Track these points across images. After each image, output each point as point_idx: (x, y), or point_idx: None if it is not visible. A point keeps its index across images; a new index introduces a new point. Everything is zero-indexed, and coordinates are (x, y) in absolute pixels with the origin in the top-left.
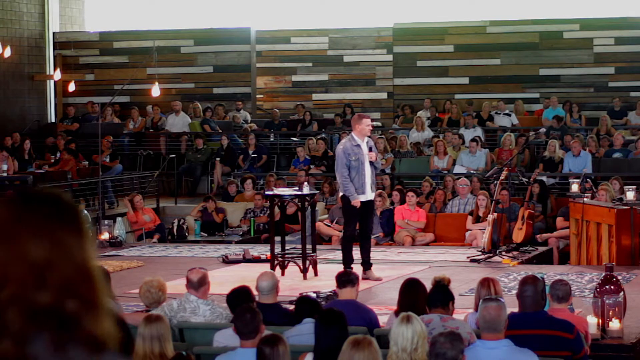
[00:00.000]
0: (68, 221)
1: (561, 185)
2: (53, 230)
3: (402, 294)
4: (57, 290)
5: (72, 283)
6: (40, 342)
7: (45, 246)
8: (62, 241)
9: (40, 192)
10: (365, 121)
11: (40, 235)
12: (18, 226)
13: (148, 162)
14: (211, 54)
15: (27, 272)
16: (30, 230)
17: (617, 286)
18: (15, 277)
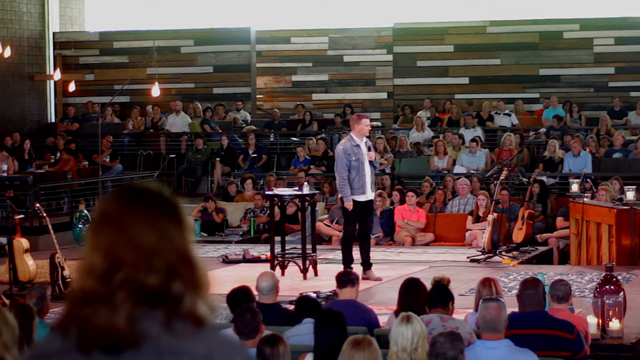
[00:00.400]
0: (171, 213)
1: (561, 185)
2: (159, 221)
3: (402, 294)
4: (164, 274)
5: (176, 267)
6: (149, 319)
7: (152, 235)
8: (167, 231)
9: (145, 187)
10: (364, 121)
11: (148, 226)
12: (129, 217)
13: (148, 162)
14: (211, 54)
15: (138, 258)
16: (139, 221)
17: (617, 286)
18: (128, 262)
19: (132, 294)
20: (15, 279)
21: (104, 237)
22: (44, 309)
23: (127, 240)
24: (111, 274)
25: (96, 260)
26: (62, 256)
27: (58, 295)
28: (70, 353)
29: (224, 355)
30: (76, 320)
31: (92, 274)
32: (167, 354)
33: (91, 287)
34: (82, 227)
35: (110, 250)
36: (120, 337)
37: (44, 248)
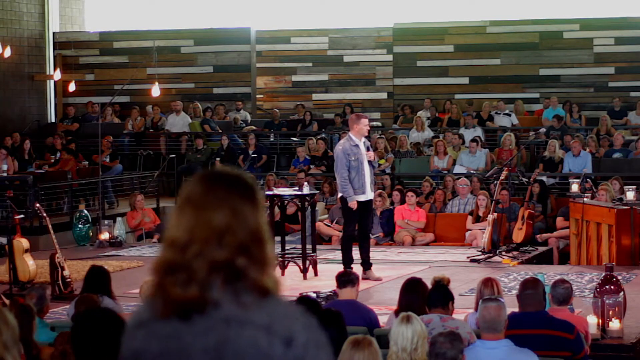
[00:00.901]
0: (246, 195)
1: (561, 185)
2: (233, 202)
3: (403, 294)
4: (232, 250)
5: (246, 244)
6: (219, 289)
7: (226, 214)
8: (240, 211)
9: (224, 171)
10: (363, 121)
11: (222, 206)
12: (206, 198)
13: (148, 162)
14: (211, 54)
15: (210, 235)
16: (216, 202)
17: (617, 286)
18: (201, 238)
19: (204, 266)
20: (15, 279)
21: (185, 215)
22: (44, 309)
23: (202, 219)
24: (188, 247)
25: (177, 234)
26: (62, 256)
27: (58, 295)
28: (154, 320)
29: (283, 325)
30: (159, 289)
31: (173, 246)
32: (233, 322)
33: (172, 258)
34: (82, 227)
35: (189, 227)
36: (192, 304)
37: (44, 248)
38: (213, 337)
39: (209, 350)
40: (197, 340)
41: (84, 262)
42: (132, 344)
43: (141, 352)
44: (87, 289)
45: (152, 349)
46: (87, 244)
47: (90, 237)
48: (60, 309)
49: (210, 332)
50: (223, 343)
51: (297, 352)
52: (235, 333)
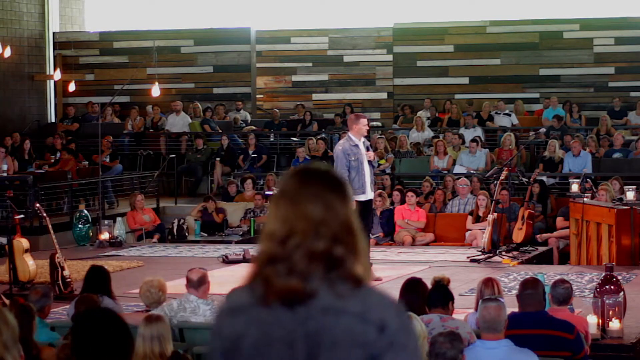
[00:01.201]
0: (336, 190)
1: (561, 185)
2: (326, 197)
3: (402, 294)
4: (329, 240)
5: (339, 235)
6: (317, 279)
7: (320, 208)
8: (332, 204)
9: (316, 167)
10: (362, 121)
11: (317, 200)
12: (301, 193)
13: (148, 162)
14: (211, 54)
15: (308, 226)
16: (310, 197)
17: (617, 286)
18: (300, 230)
19: (304, 257)
20: (15, 279)
21: (282, 209)
22: (44, 309)
23: (299, 212)
24: (287, 239)
25: (276, 227)
26: (62, 256)
27: (58, 295)
28: (255, 307)
29: (376, 313)
30: (260, 277)
31: (273, 239)
32: (330, 311)
33: (273, 250)
34: (82, 227)
35: (287, 220)
36: (294, 293)
37: (44, 248)
38: (312, 325)
39: (308, 337)
40: (297, 328)
41: (84, 262)
42: (232, 328)
43: (241, 337)
44: (87, 289)
45: (252, 333)
46: (87, 244)
47: (90, 237)
48: (60, 309)
49: (309, 320)
50: (321, 331)
51: (390, 337)
52: (333, 321)
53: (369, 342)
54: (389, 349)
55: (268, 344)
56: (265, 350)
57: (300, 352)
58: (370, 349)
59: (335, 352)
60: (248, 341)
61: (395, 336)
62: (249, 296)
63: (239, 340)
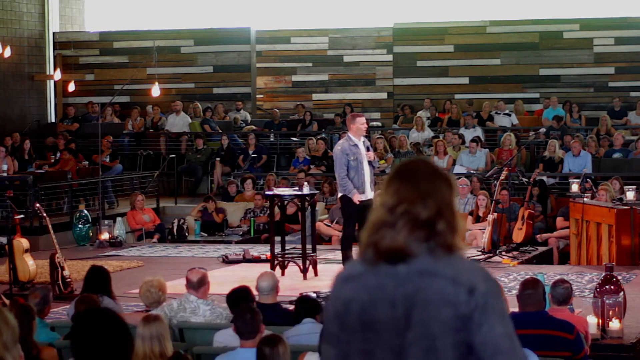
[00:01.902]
0: (443, 176)
1: (561, 185)
2: (434, 179)
3: None
4: (433, 211)
5: (442, 210)
6: (418, 243)
7: (428, 185)
8: (439, 185)
9: (425, 159)
10: (359, 120)
11: (426, 179)
12: (412, 173)
13: (148, 162)
14: (211, 54)
15: (415, 197)
16: (421, 176)
17: (617, 286)
18: (408, 198)
19: (409, 222)
20: (15, 279)
21: (394, 184)
22: (45, 309)
23: (410, 186)
24: (395, 207)
25: (387, 198)
26: (62, 256)
27: (58, 295)
28: (364, 274)
29: (466, 277)
30: (370, 243)
31: (383, 208)
32: (426, 273)
33: (382, 217)
34: (82, 227)
35: (398, 192)
36: (398, 252)
37: (44, 248)
38: (409, 286)
39: (406, 298)
40: (397, 290)
41: (84, 262)
42: (343, 293)
43: (350, 301)
44: (87, 289)
45: (360, 297)
46: (87, 244)
47: (90, 237)
48: (60, 309)
49: (407, 282)
50: (416, 291)
51: (478, 300)
52: (427, 283)
53: (459, 302)
54: (477, 309)
55: (373, 305)
56: (371, 310)
57: (399, 310)
58: (461, 309)
59: (428, 310)
60: (357, 304)
61: (483, 298)
62: (361, 265)
63: (349, 303)
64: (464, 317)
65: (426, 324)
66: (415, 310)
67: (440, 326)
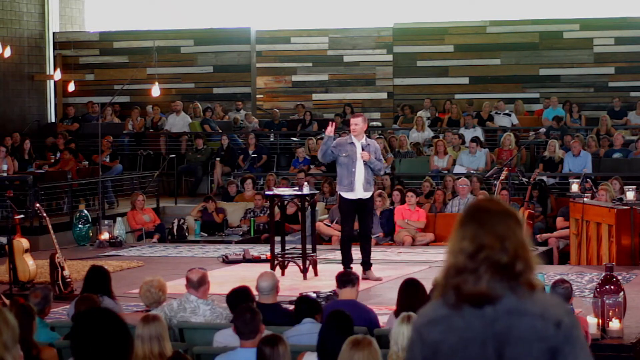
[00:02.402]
0: (515, 217)
1: (561, 185)
2: (508, 220)
3: (401, 294)
4: (511, 255)
5: (518, 251)
6: (501, 285)
7: (504, 228)
8: (513, 227)
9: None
10: (351, 120)
11: (501, 222)
12: (487, 216)
13: (148, 162)
14: (211, 54)
15: (495, 241)
16: (495, 219)
17: (617, 286)
18: (488, 245)
19: (490, 267)
20: (15, 279)
21: (470, 229)
22: (45, 309)
23: (487, 230)
24: (476, 254)
25: (466, 244)
26: (62, 256)
27: (58, 295)
28: (449, 317)
29: (552, 312)
30: (451, 287)
31: (462, 254)
32: (514, 312)
33: (462, 263)
34: (82, 227)
35: (476, 238)
36: (482, 297)
37: (44, 248)
38: (499, 326)
39: (496, 336)
40: (487, 330)
41: (84, 262)
42: (430, 337)
43: (439, 343)
44: (87, 289)
45: (449, 339)
46: (87, 244)
47: (90, 237)
48: (60, 309)
49: (496, 322)
50: (507, 330)
51: (565, 332)
52: (517, 321)
53: (549, 336)
54: (564, 341)
55: (464, 345)
56: (461, 351)
57: (490, 349)
58: (550, 342)
59: (521, 346)
60: (446, 346)
61: (568, 330)
62: (442, 308)
63: (439, 346)
64: (553, 349)
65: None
66: (507, 348)
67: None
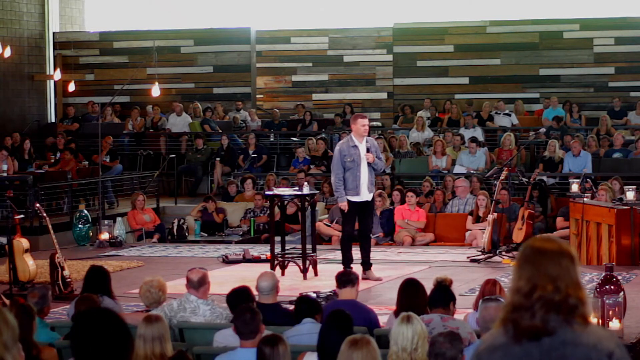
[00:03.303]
0: (567, 255)
1: (561, 185)
2: (561, 260)
3: (401, 294)
4: (564, 293)
5: (571, 288)
6: (556, 320)
7: (557, 269)
8: (566, 266)
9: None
10: (360, 121)
11: (553, 262)
12: (541, 258)
13: (148, 162)
14: (211, 54)
15: (548, 283)
16: (549, 260)
17: (617, 286)
18: (541, 286)
19: (544, 305)
20: (15, 279)
21: (526, 270)
22: (44, 309)
23: (541, 272)
24: (531, 293)
25: (522, 284)
26: (62, 256)
27: (58, 295)
28: (508, 345)
29: (605, 344)
30: (509, 321)
31: (518, 293)
32: (569, 341)
33: (518, 301)
34: (82, 227)
35: (531, 279)
36: (538, 331)
37: (44, 248)
38: (554, 355)
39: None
40: (543, 357)
41: (84, 262)
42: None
43: None
44: (87, 289)
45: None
46: (87, 244)
47: (90, 237)
48: (60, 309)
49: (552, 351)
50: (563, 358)
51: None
52: (571, 351)
53: None
54: None
55: None
56: None
57: None
58: None
59: None
60: None
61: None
62: (503, 337)
63: None
64: None
65: None
66: None
67: None
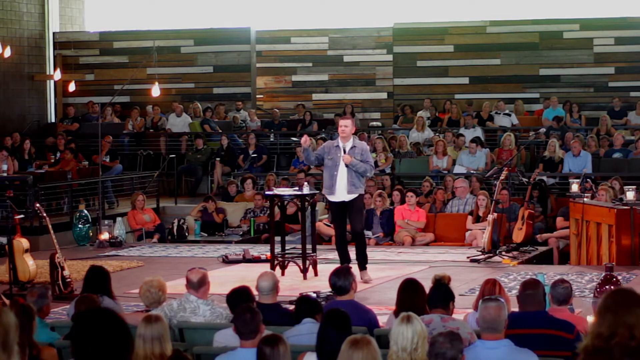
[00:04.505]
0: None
1: (561, 185)
2: (636, 309)
3: (401, 294)
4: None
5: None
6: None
7: (634, 318)
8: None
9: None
10: (340, 122)
11: (630, 312)
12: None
13: (148, 162)
14: (211, 54)
15: (625, 330)
16: (625, 310)
17: (617, 286)
18: (619, 333)
19: (620, 349)
20: (15, 279)
21: (606, 318)
22: (44, 308)
23: (619, 321)
24: (610, 339)
25: (603, 329)
26: (62, 256)
27: (58, 295)
28: None
29: None
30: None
31: (599, 338)
32: None
33: (598, 345)
34: (82, 227)
35: (610, 326)
36: None
37: (44, 248)
38: None
39: None
40: None
41: (84, 262)
42: None
43: None
44: (87, 289)
45: None
46: (87, 244)
47: (90, 237)
48: (60, 309)
49: None
50: None
51: None
52: None
53: None
54: None
55: None
56: None
57: None
58: None
59: None
60: None
61: None
62: None
63: None
64: None
65: None
66: None
67: None
